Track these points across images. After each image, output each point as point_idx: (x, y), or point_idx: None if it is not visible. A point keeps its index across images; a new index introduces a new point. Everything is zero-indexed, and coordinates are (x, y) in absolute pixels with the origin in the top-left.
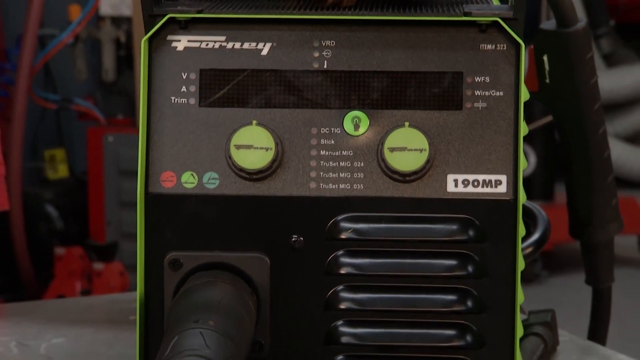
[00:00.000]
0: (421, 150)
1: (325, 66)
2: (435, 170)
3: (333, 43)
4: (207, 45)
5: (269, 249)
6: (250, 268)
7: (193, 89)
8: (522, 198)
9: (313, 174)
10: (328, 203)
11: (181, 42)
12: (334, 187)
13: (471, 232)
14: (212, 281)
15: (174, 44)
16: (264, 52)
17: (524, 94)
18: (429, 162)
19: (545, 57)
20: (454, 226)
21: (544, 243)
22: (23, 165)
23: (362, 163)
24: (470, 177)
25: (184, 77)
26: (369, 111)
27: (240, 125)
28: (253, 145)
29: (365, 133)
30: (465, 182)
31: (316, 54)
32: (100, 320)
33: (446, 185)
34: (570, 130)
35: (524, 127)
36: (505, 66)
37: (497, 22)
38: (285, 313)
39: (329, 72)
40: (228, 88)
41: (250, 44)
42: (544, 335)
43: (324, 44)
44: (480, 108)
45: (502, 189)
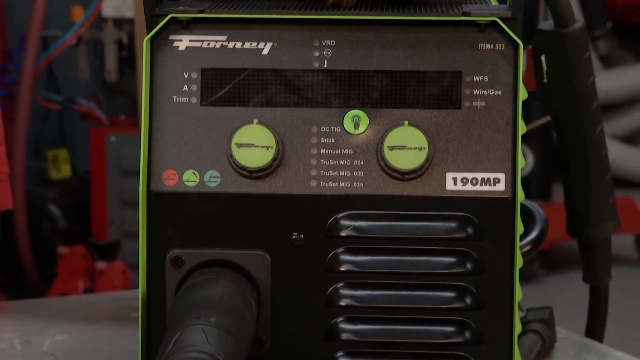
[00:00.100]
0: (420, 148)
1: (325, 65)
2: (434, 168)
3: (333, 43)
4: (209, 44)
5: (269, 247)
6: (251, 265)
7: (195, 88)
8: (521, 196)
9: (313, 172)
10: (328, 201)
11: (183, 42)
12: (334, 185)
13: (470, 230)
14: (214, 278)
15: (175, 44)
16: (265, 52)
17: (522, 93)
18: (428, 161)
19: (543, 57)
20: (453, 224)
21: (541, 241)
22: (26, 165)
23: (362, 161)
24: (469, 176)
25: (186, 77)
26: (368, 110)
27: (241, 124)
28: (254, 143)
29: (365, 132)
30: (464, 180)
31: (316, 54)
32: (103, 318)
33: (445, 184)
34: (568, 130)
35: (522, 126)
36: (504, 65)
37: (496, 22)
38: (286, 310)
39: (329, 72)
40: (229, 87)
41: (251, 44)
42: (542, 332)
43: (324, 44)
44: (479, 107)
45: (501, 187)
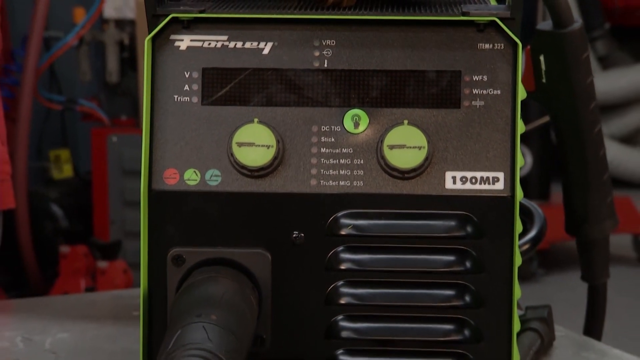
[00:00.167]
0: (420, 147)
1: (325, 65)
2: (433, 167)
3: (333, 42)
4: (210, 44)
5: (270, 245)
6: (252, 264)
7: (196, 87)
8: (519, 195)
9: (314, 171)
10: (328, 200)
11: (184, 42)
12: (334, 184)
13: (469, 229)
14: (215, 276)
15: (176, 43)
16: (266, 51)
17: (521, 92)
18: (428, 160)
19: (541, 57)
20: (452, 222)
21: (540, 240)
22: (28, 165)
23: (362, 160)
24: (468, 174)
25: (187, 76)
26: (368, 109)
27: (242, 123)
28: (255, 142)
29: (365, 131)
30: (464, 179)
31: (317, 53)
32: (104, 316)
33: (444, 182)
34: (567, 129)
35: (521, 125)
36: (503, 65)
37: (495, 22)
38: (286, 308)
39: (330, 71)
40: (230, 86)
41: (251, 43)
42: (541, 330)
43: (324, 44)
44: (478, 106)
45: (500, 186)
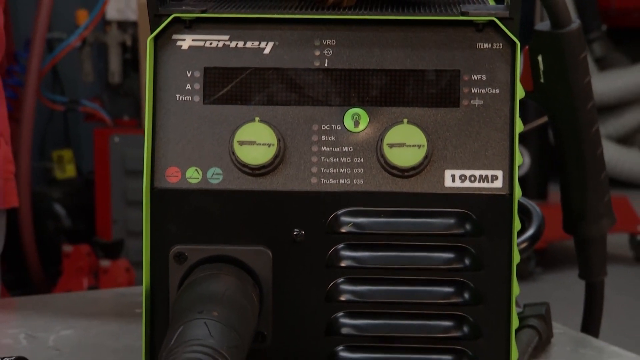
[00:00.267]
0: (419, 146)
1: (326, 64)
2: (433, 165)
3: (334, 42)
4: (211, 44)
5: (271, 243)
6: (253, 261)
7: (197, 86)
8: (518, 193)
9: (314, 170)
10: (329, 198)
11: (186, 41)
12: (334, 182)
13: (468, 226)
14: (216, 274)
15: (178, 43)
16: (267, 51)
17: (520, 91)
18: (427, 158)
19: (539, 57)
20: (451, 220)
21: (538, 238)
22: (32, 165)
23: (362, 159)
24: (467, 173)
25: (189, 75)
26: (368, 108)
27: (244, 122)
28: (256, 141)
29: (365, 129)
30: (462, 177)
31: (317, 53)
32: (107, 313)
33: (444, 181)
34: (564, 129)
35: (519, 124)
36: (501, 64)
37: (494, 22)
38: (287, 305)
39: (330, 70)
40: (231, 86)
41: (253, 43)
42: (539, 327)
43: (324, 43)
44: (476, 105)
45: (498, 184)
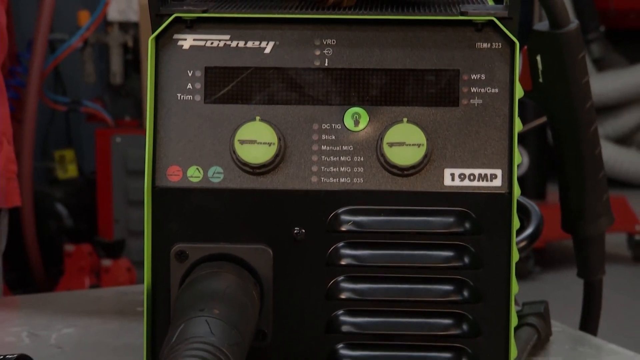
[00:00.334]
0: (419, 145)
1: (326, 64)
2: (432, 164)
3: (334, 42)
4: (212, 43)
5: (271, 241)
6: (254, 259)
7: (198, 86)
8: (517, 192)
9: (314, 168)
10: (329, 196)
11: (187, 41)
12: (334, 181)
13: (467, 225)
14: (217, 272)
15: (180, 43)
16: (267, 51)
17: (519, 91)
18: (427, 157)
19: (538, 57)
20: (451, 219)
21: (537, 237)
22: (34, 165)
23: (362, 158)
24: (467, 171)
25: (190, 75)
26: (368, 107)
27: (244, 121)
28: (256, 140)
29: (365, 129)
30: (462, 176)
31: (317, 52)
32: (109, 312)
33: (443, 179)
34: (563, 128)
35: (518, 123)
36: (501, 64)
37: (493, 22)
38: (288, 303)
39: (330, 70)
40: (232, 85)
41: (253, 43)
42: (538, 325)
43: (325, 43)
44: (476, 104)
45: (498, 182)
